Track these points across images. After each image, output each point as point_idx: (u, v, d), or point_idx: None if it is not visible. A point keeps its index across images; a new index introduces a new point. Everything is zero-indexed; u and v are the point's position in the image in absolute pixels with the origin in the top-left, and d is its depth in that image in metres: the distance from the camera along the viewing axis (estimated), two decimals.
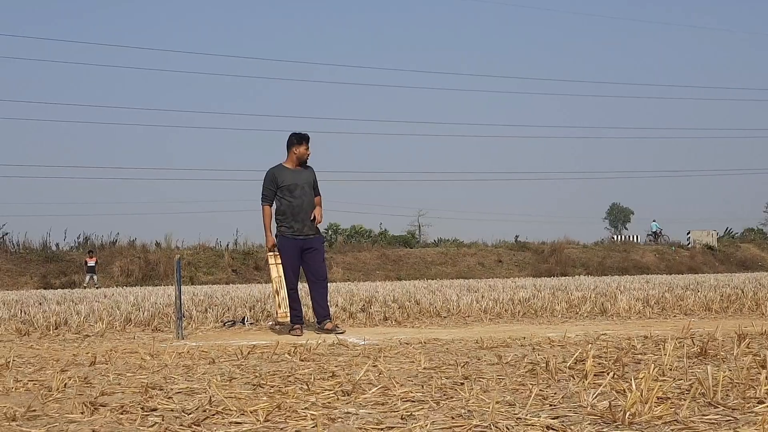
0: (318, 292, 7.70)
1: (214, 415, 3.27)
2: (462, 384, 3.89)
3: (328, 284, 8.07)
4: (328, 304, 7.90)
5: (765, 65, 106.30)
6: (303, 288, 7.94)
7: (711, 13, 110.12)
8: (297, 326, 7.45)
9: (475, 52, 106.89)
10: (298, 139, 7.59)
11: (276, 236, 7.67)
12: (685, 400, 3.25)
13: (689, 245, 47.44)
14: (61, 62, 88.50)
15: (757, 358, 4.53)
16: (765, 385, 3.43)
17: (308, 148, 7.62)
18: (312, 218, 7.53)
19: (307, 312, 8.51)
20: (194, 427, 3.07)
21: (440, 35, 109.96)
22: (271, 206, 7.63)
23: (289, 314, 7.48)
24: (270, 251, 7.64)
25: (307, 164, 7.73)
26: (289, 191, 7.54)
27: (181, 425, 3.09)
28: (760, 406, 3.14)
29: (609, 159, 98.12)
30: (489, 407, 3.19)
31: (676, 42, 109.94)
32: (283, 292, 7.53)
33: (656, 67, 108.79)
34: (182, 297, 7.53)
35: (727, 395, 3.40)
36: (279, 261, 7.63)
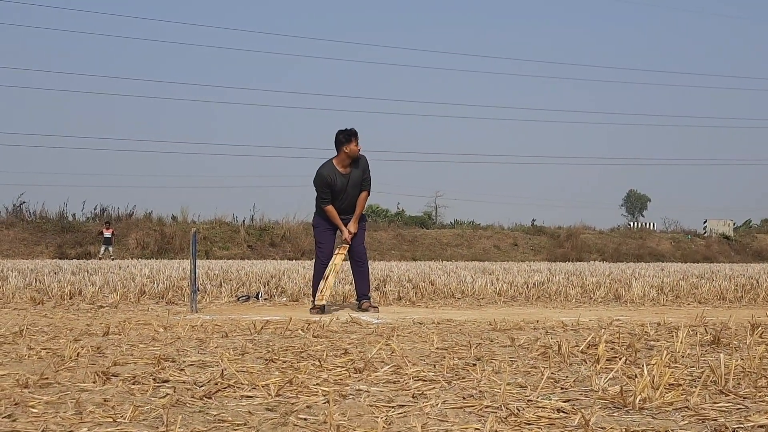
0: (357, 272, 7.71)
1: (225, 388, 3.29)
2: (474, 365, 3.89)
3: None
4: (369, 284, 7.82)
5: None
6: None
7: (734, 1, 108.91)
8: (317, 307, 7.42)
9: (496, 34, 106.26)
10: (347, 137, 7.39)
11: (315, 215, 7.73)
12: (696, 387, 3.24)
13: (705, 234, 47.19)
14: (82, 33, 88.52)
15: None
16: None
17: (358, 143, 7.42)
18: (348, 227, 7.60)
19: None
20: (206, 399, 3.08)
21: (462, 16, 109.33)
22: (332, 204, 7.57)
23: (326, 298, 7.42)
24: (344, 243, 7.64)
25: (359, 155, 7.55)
26: (335, 194, 7.54)
27: (193, 397, 3.11)
28: None
29: (627, 145, 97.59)
30: (500, 388, 3.19)
31: (698, 30, 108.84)
32: (332, 280, 7.50)
33: (678, 55, 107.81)
34: (197, 271, 7.56)
35: (738, 384, 3.39)
36: (345, 252, 7.65)
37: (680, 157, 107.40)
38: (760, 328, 5.35)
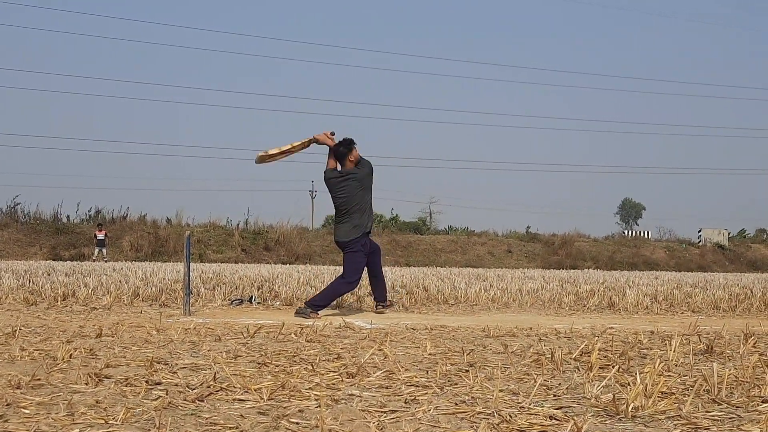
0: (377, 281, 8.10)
1: (218, 391, 3.28)
2: (467, 371, 3.89)
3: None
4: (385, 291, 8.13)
5: None
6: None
7: (731, 7, 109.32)
8: (316, 315, 7.27)
9: (492, 41, 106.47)
10: (347, 147, 7.64)
11: (347, 228, 7.76)
12: (688, 396, 3.24)
13: (700, 243, 47.28)
14: (80, 35, 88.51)
15: (763, 357, 4.51)
16: None
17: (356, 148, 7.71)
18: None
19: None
20: (198, 402, 3.08)
21: (457, 22, 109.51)
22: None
23: (270, 155, 7.56)
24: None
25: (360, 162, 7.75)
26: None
27: (185, 400, 3.10)
28: (764, 405, 3.13)
29: (623, 154, 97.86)
30: (493, 395, 3.19)
31: (696, 39, 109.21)
32: (285, 148, 7.59)
33: (675, 64, 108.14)
34: (191, 274, 7.55)
35: (731, 393, 3.39)
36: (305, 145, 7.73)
37: (675, 165, 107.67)
38: (753, 338, 5.36)
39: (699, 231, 48.59)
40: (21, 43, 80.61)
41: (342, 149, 7.62)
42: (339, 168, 7.72)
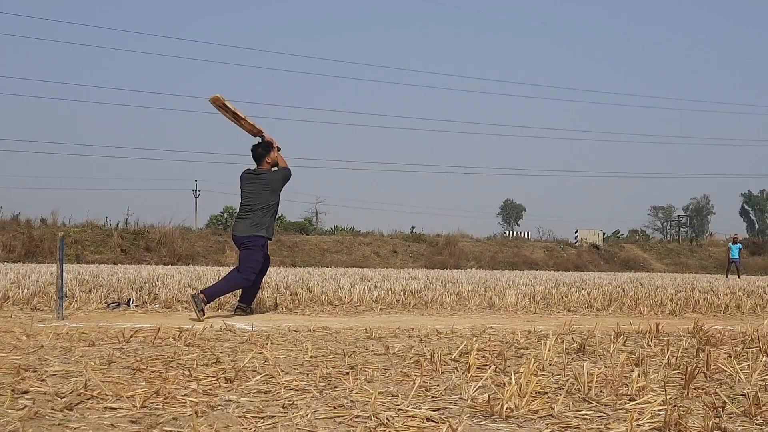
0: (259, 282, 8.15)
1: (88, 399, 3.17)
2: (347, 374, 3.88)
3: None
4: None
5: (662, 71, 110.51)
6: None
7: (604, 14, 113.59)
8: (203, 315, 7.13)
9: (382, 42, 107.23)
10: (266, 149, 7.97)
11: (266, 228, 7.84)
12: (560, 395, 3.33)
13: (577, 243, 48.91)
14: None
15: (632, 356, 4.69)
16: (637, 383, 3.55)
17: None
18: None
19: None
20: (66, 411, 2.96)
21: (329, 21, 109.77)
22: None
23: (225, 105, 7.77)
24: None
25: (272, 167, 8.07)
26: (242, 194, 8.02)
27: (53, 409, 2.98)
28: (631, 403, 3.25)
29: (504, 155, 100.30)
30: (371, 398, 3.20)
31: (570, 44, 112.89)
32: (240, 114, 7.86)
33: (553, 69, 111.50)
34: (65, 276, 7.29)
35: (600, 392, 3.50)
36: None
37: (554, 168, 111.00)
38: (623, 336, 5.56)
39: (576, 232, 50.31)
40: None
41: (260, 150, 7.98)
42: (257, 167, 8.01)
